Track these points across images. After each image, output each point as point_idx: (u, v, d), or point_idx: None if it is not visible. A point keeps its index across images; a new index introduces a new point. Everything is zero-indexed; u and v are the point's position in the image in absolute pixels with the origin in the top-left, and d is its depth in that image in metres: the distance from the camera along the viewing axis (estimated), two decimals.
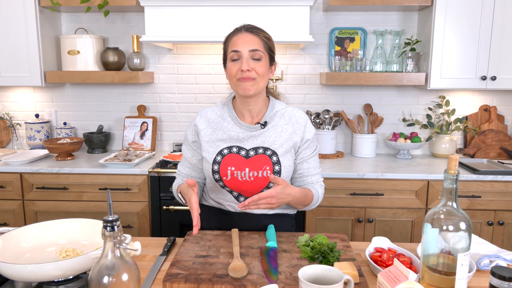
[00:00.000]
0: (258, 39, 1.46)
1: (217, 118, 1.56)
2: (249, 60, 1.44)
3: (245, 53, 1.43)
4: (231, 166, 1.49)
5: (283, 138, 1.52)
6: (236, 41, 1.45)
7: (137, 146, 2.98)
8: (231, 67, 1.46)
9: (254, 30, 1.48)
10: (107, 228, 0.82)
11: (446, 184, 1.00)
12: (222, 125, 1.54)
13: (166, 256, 1.33)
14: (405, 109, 3.00)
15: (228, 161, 1.50)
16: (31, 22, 2.68)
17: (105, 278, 0.81)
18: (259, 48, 1.44)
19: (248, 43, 1.44)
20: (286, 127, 1.54)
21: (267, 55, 1.48)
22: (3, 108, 3.11)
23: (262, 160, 1.48)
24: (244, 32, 1.46)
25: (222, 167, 1.50)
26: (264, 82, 1.49)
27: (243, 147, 1.51)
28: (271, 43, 1.51)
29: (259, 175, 1.49)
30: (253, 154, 1.50)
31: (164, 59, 3.01)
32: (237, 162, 1.49)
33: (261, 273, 1.16)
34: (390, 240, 1.37)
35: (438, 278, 1.01)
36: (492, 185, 2.41)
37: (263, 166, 1.49)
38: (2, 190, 2.55)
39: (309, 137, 1.55)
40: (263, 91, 1.53)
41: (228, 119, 1.55)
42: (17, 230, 1.26)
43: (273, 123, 1.54)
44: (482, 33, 2.55)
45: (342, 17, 2.90)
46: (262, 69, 1.45)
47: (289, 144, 1.52)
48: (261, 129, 1.52)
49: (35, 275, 1.06)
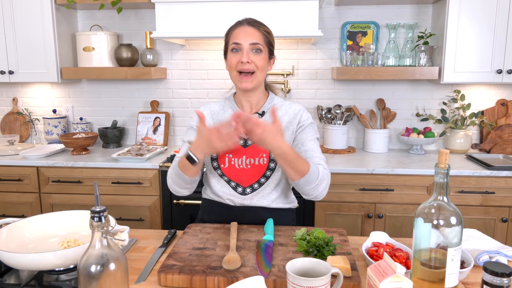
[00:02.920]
0: (258, 32, 1.50)
1: (219, 110, 1.63)
2: (249, 53, 1.48)
3: (246, 45, 1.47)
4: (228, 154, 1.53)
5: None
6: (238, 33, 1.49)
7: (150, 141, 3.03)
8: (231, 58, 1.50)
9: (255, 24, 1.52)
10: (95, 218, 0.84)
11: (437, 178, 0.99)
12: (223, 116, 1.61)
13: (165, 248, 1.36)
14: (418, 104, 2.95)
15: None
16: (48, 19, 2.75)
17: (93, 267, 0.84)
18: (259, 42, 1.49)
19: (249, 36, 1.48)
20: (283, 118, 1.57)
21: (266, 49, 1.52)
22: (22, 103, 3.21)
23: (259, 148, 1.50)
24: (245, 25, 1.51)
25: (220, 155, 1.54)
26: (263, 75, 1.53)
27: (241, 137, 1.50)
28: (271, 37, 1.55)
29: (256, 162, 1.52)
30: (251, 143, 1.53)
31: (176, 55, 3.04)
32: (235, 150, 1.53)
33: (254, 265, 1.17)
34: (394, 236, 1.36)
35: (429, 272, 1.00)
36: (506, 181, 2.35)
37: (260, 153, 1.52)
38: (20, 183, 2.64)
39: (304, 122, 1.55)
40: (262, 83, 1.58)
41: (229, 110, 1.61)
42: (21, 221, 1.30)
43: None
44: (498, 26, 2.49)
45: (354, 11, 2.87)
46: (261, 62, 1.49)
47: (286, 134, 1.54)
48: (259, 118, 1.54)
49: (35, 264, 1.10)
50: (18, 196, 2.66)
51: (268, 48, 1.53)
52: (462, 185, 2.38)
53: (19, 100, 3.21)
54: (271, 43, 1.55)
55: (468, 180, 2.37)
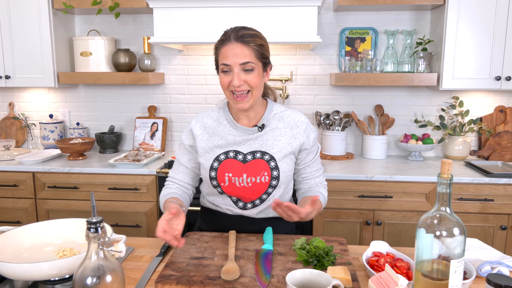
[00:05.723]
0: (248, 49, 1.36)
1: (213, 123, 1.51)
2: (240, 73, 1.36)
3: (236, 66, 1.35)
4: (228, 173, 1.45)
5: (282, 142, 1.47)
6: (226, 53, 1.36)
7: (147, 147, 3.01)
8: (223, 79, 1.39)
9: (245, 39, 1.36)
10: (91, 229, 0.82)
11: (440, 189, 0.98)
12: (218, 129, 1.50)
13: (162, 257, 1.34)
14: (417, 110, 2.94)
15: (225, 167, 1.46)
16: (45, 24, 2.73)
17: (89, 279, 0.82)
18: (250, 60, 1.36)
19: (238, 56, 1.35)
20: (285, 130, 1.49)
21: (260, 64, 1.40)
22: (18, 108, 3.19)
23: (259, 165, 1.45)
24: (233, 42, 1.36)
25: (220, 174, 1.46)
26: (259, 91, 1.42)
27: (240, 151, 1.47)
28: (264, 49, 1.41)
29: (258, 180, 1.45)
30: (251, 158, 1.46)
31: (174, 60, 3.03)
32: (235, 168, 1.45)
33: (253, 276, 1.15)
34: (393, 244, 1.35)
35: (432, 284, 0.99)
36: (505, 188, 2.34)
37: (261, 172, 1.45)
38: (15, 188, 2.61)
39: (310, 142, 1.51)
40: (260, 97, 1.48)
41: (224, 122, 1.50)
42: (16, 229, 1.28)
43: (271, 126, 1.49)
44: (496, 32, 2.49)
45: (353, 17, 2.87)
46: (255, 80, 1.38)
47: (288, 150, 1.47)
48: (259, 131, 1.48)
49: (30, 274, 1.08)
50: (14, 202, 2.63)
51: (262, 61, 1.40)
52: (461, 192, 2.37)
53: (16, 105, 3.19)
54: (264, 55, 1.41)
55: (467, 188, 2.36)
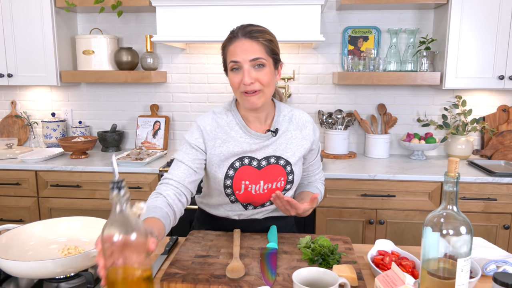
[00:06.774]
0: (257, 45, 1.30)
1: (225, 126, 1.42)
2: (251, 70, 1.29)
3: (245, 63, 1.29)
4: (245, 180, 1.39)
5: (294, 145, 1.44)
6: (234, 50, 1.30)
7: (149, 145, 3.00)
8: (232, 78, 1.33)
9: (253, 35, 1.30)
10: (114, 189, 0.84)
11: (446, 187, 0.98)
12: (230, 134, 1.41)
13: (167, 256, 1.33)
14: (420, 109, 2.94)
15: (241, 175, 1.40)
16: (47, 22, 2.73)
17: (115, 236, 0.83)
18: (260, 56, 1.30)
19: (247, 52, 1.29)
20: (295, 133, 1.45)
21: (270, 60, 1.33)
22: (21, 106, 3.19)
23: (276, 171, 1.41)
24: (241, 39, 1.30)
25: (236, 182, 1.39)
26: (271, 89, 1.36)
27: (254, 157, 1.41)
28: (274, 45, 1.35)
29: (273, 186, 1.42)
30: (265, 164, 1.41)
31: (177, 58, 3.03)
32: (251, 175, 1.40)
33: (259, 274, 1.15)
34: (396, 243, 1.35)
35: (438, 283, 0.98)
36: (508, 187, 2.34)
37: (278, 177, 1.41)
38: (18, 187, 2.61)
39: (316, 141, 1.53)
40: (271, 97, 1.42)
41: (235, 127, 1.41)
42: (21, 227, 1.28)
43: (283, 129, 1.44)
44: (500, 31, 2.48)
45: (356, 15, 2.87)
46: (266, 77, 1.31)
47: (300, 152, 1.45)
48: (273, 137, 1.42)
49: (35, 271, 1.08)
50: (16, 200, 2.63)
51: (272, 58, 1.34)
52: (463, 191, 2.37)
53: (18, 103, 3.19)
54: (275, 51, 1.34)
55: (470, 187, 2.36)
